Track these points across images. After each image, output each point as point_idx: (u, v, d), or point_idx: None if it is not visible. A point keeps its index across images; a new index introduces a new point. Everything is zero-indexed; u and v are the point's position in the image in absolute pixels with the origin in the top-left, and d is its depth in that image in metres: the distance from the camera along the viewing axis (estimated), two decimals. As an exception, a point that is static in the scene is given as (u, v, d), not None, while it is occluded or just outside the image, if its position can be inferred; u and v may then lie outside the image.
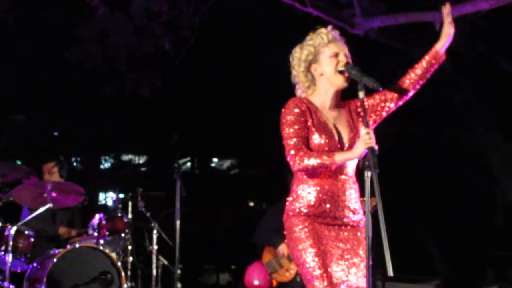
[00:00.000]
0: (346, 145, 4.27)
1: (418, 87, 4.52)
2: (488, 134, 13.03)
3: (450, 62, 12.21)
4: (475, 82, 12.75)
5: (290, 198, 4.33)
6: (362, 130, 4.04)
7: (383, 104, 4.46)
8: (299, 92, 4.45)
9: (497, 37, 11.64)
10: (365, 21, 8.90)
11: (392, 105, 4.47)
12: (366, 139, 3.97)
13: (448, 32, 4.47)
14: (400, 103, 4.51)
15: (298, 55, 4.39)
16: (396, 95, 4.47)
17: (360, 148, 4.02)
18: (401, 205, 7.63)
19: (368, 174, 3.91)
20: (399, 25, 9.13)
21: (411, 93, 4.51)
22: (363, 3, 9.20)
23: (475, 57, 11.91)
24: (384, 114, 4.49)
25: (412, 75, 4.47)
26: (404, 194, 14.12)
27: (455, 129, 13.84)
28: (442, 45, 4.48)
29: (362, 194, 4.26)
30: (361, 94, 4.13)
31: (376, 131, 4.08)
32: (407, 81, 4.48)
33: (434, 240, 15.26)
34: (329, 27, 4.43)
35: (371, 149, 3.94)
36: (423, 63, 4.47)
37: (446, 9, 4.47)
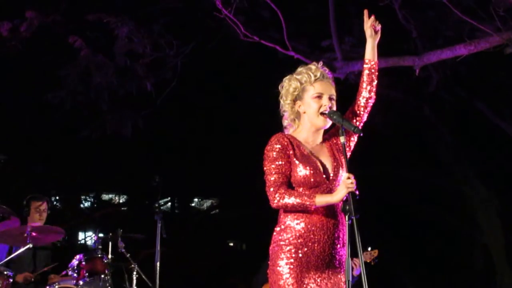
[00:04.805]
0: (331, 175, 4.27)
1: (373, 94, 4.52)
2: (466, 177, 13.16)
3: (430, 105, 12.41)
4: (453, 125, 12.90)
5: (277, 229, 4.28)
6: (344, 175, 4.08)
7: (354, 121, 4.48)
8: (285, 122, 4.47)
9: (476, 81, 11.81)
10: (346, 65, 9.00)
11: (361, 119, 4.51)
12: (348, 184, 3.99)
13: (370, 34, 4.50)
14: (367, 112, 4.52)
15: (287, 87, 4.41)
16: (361, 107, 4.48)
17: (341, 193, 4.04)
18: (381, 247, 7.67)
19: (348, 218, 3.94)
20: (379, 69, 9.23)
21: (371, 102, 4.52)
22: (344, 47, 9.33)
23: (454, 101, 12.06)
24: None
25: (363, 92, 4.50)
26: (384, 236, 14.17)
27: (435, 172, 13.95)
28: (369, 52, 4.52)
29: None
30: (342, 139, 4.16)
31: (357, 173, 4.10)
32: (362, 96, 4.50)
33: (413, 280, 15.28)
34: (320, 63, 4.44)
35: (352, 193, 3.96)
36: (364, 77, 4.51)
37: (371, 20, 4.49)
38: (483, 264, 14.30)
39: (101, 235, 8.49)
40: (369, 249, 7.73)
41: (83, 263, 7.58)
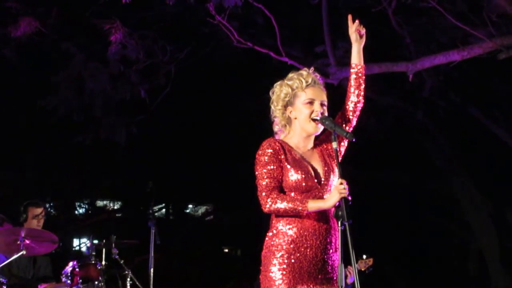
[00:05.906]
0: (323, 180, 4.25)
1: (361, 98, 4.52)
2: (460, 182, 13.17)
3: (423, 110, 12.43)
4: (447, 130, 12.92)
5: (269, 234, 4.26)
6: (336, 180, 4.06)
7: (344, 125, 4.46)
8: (276, 128, 4.45)
9: (469, 87, 11.84)
10: (339, 70, 8.99)
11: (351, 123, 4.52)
12: (340, 189, 3.97)
13: (355, 39, 4.54)
14: (356, 116, 4.53)
15: (278, 93, 4.39)
16: (350, 112, 4.49)
17: (334, 198, 4.01)
18: (375, 253, 7.66)
19: (340, 224, 3.93)
20: (372, 74, 9.25)
21: (359, 106, 4.52)
22: (338, 52, 9.33)
23: (447, 106, 12.08)
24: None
25: (351, 97, 4.51)
26: (377, 242, 14.17)
27: (429, 176, 13.96)
28: (355, 57, 4.54)
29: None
30: (334, 144, 4.13)
31: (350, 179, 4.09)
32: (350, 101, 4.50)
33: (408, 286, 15.29)
34: (311, 69, 4.43)
35: (344, 199, 3.95)
36: (351, 81, 4.51)
37: (355, 24, 4.55)
38: (477, 268, 14.32)
39: (95, 241, 8.47)
40: (364, 257, 7.68)
41: (77, 269, 7.54)
